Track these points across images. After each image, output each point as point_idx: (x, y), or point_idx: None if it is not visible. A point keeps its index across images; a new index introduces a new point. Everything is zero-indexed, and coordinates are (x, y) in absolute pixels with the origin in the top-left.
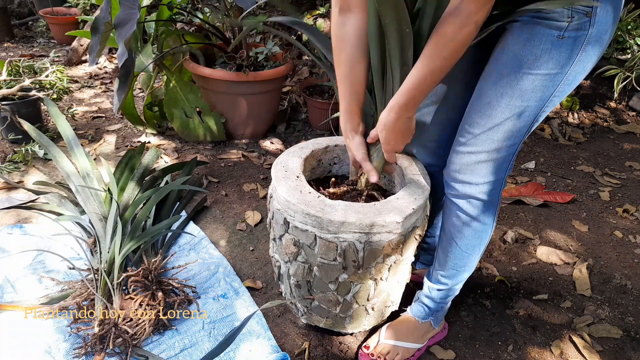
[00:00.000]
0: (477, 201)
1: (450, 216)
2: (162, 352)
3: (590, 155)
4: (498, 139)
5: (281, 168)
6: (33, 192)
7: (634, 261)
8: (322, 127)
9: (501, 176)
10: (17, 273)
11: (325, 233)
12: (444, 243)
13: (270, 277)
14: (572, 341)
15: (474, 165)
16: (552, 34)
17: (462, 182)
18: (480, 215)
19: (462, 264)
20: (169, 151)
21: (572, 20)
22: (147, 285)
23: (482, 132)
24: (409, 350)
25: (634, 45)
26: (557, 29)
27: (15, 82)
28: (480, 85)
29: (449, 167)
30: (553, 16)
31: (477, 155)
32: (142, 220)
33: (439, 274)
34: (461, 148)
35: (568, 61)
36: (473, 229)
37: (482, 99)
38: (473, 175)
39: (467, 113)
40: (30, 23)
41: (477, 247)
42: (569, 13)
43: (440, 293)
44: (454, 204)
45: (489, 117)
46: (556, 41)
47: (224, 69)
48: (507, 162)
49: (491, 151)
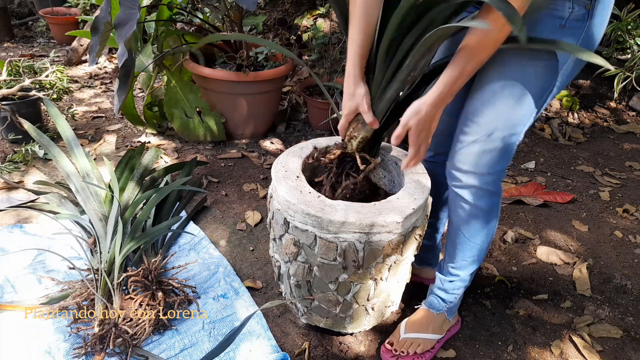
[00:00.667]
0: (481, 191)
1: (455, 208)
2: (162, 352)
3: (590, 155)
4: (502, 127)
5: (281, 168)
6: (33, 192)
7: (634, 261)
8: (322, 127)
9: (503, 166)
10: (17, 273)
11: (325, 233)
12: (452, 235)
13: (270, 277)
14: (572, 341)
15: (478, 155)
16: (555, 22)
17: (466, 172)
18: (485, 205)
19: (471, 254)
20: (169, 151)
21: (573, 12)
22: (147, 285)
23: (485, 121)
24: (430, 341)
25: (634, 45)
26: (559, 17)
27: (15, 82)
28: (483, 73)
29: (453, 157)
30: (556, 6)
31: (480, 144)
32: (142, 220)
33: (449, 266)
34: (465, 137)
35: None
36: (478, 219)
37: (485, 87)
38: (477, 165)
39: (470, 102)
40: (30, 23)
41: (484, 237)
42: (570, 5)
43: (452, 284)
44: (458, 196)
45: (493, 105)
46: (558, 30)
47: (224, 69)
48: (509, 152)
49: (495, 140)
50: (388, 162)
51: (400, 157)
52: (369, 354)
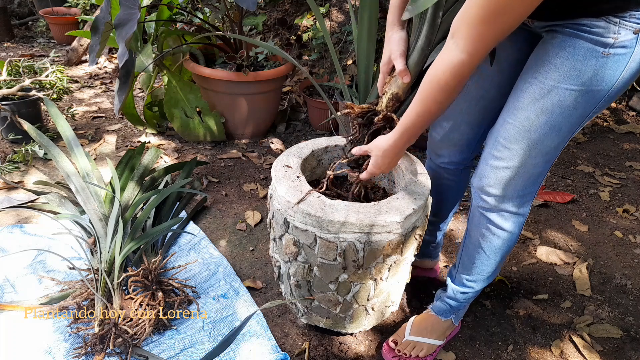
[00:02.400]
0: (508, 213)
1: (479, 227)
2: (162, 352)
3: (590, 155)
4: (536, 155)
5: (281, 168)
6: (33, 192)
7: (634, 261)
8: (322, 127)
9: (535, 189)
10: (17, 273)
11: (326, 233)
12: (471, 250)
13: (270, 277)
14: (572, 341)
15: (510, 180)
16: (596, 50)
17: (496, 196)
18: (511, 227)
19: (489, 269)
20: (169, 151)
21: (619, 37)
22: (147, 285)
23: (519, 148)
24: (433, 346)
25: None
26: (602, 45)
27: (15, 82)
28: (518, 96)
29: (482, 180)
30: (597, 31)
31: (513, 170)
32: (142, 220)
33: (464, 278)
34: (496, 162)
35: (612, 78)
36: (502, 239)
37: (519, 113)
38: (507, 190)
39: (502, 125)
40: (30, 23)
41: (504, 254)
42: (616, 29)
43: (464, 295)
44: (483, 217)
45: (528, 133)
46: (601, 57)
47: (224, 69)
48: (542, 176)
49: (528, 166)
50: None
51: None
52: (369, 354)
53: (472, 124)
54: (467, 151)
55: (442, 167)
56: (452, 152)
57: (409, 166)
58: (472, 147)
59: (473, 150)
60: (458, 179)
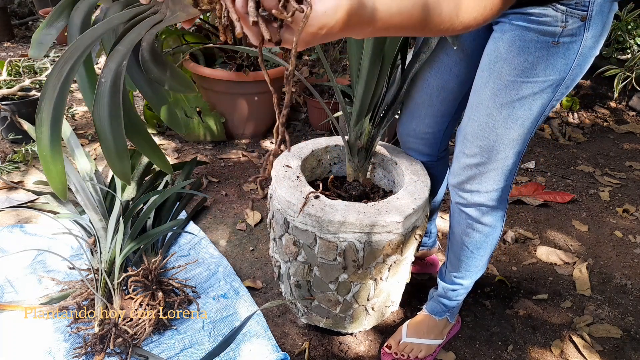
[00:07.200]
0: (486, 207)
1: (459, 223)
2: (162, 352)
3: (590, 155)
4: (504, 149)
5: (281, 168)
6: (33, 192)
7: (634, 261)
8: (322, 127)
9: (509, 182)
10: (17, 273)
11: (325, 233)
12: (455, 247)
13: (270, 277)
14: (572, 341)
15: (482, 175)
16: (546, 40)
17: (471, 192)
18: (490, 220)
19: (475, 265)
20: (169, 151)
21: (567, 25)
22: (147, 285)
23: (486, 144)
24: (432, 346)
25: (634, 45)
26: (550, 35)
27: (15, 82)
28: (477, 93)
29: (456, 178)
30: (546, 20)
31: (484, 166)
32: (143, 220)
33: (452, 275)
34: (467, 160)
35: (565, 66)
36: (484, 234)
37: (481, 110)
38: (481, 184)
39: (468, 123)
40: (30, 23)
41: (488, 248)
42: (563, 17)
43: (455, 292)
44: (463, 213)
45: (492, 128)
46: (551, 47)
47: (224, 69)
48: (514, 168)
49: (498, 160)
50: (387, 162)
51: (401, 157)
52: (369, 354)
53: (435, 116)
54: (435, 144)
55: (422, 161)
56: (421, 145)
57: (409, 166)
58: (439, 139)
59: (442, 141)
60: (435, 172)
